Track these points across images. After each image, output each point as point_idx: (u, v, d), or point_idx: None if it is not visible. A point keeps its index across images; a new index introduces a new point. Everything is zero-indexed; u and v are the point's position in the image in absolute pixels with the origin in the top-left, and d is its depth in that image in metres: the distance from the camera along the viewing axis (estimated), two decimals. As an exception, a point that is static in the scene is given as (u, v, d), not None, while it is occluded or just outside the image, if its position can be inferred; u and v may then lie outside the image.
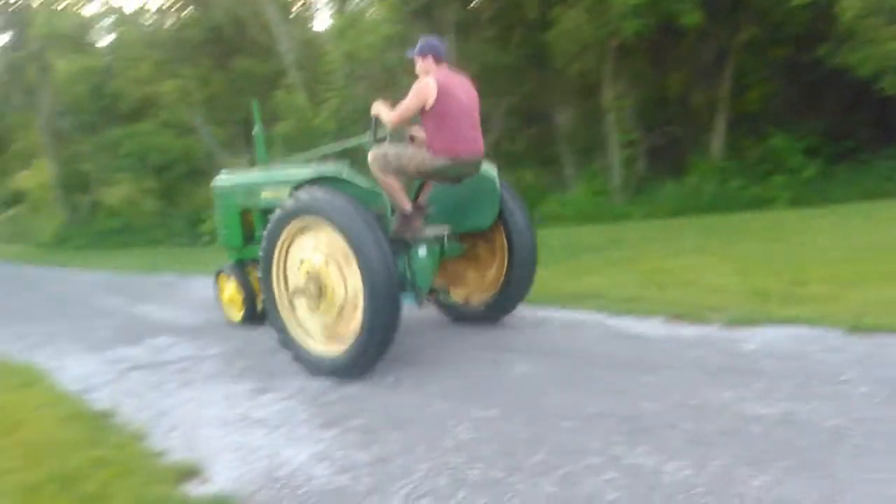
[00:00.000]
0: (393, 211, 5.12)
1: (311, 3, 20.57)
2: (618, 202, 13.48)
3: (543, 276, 7.60)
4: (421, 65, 5.16)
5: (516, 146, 18.65)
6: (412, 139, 5.47)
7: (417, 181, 5.59)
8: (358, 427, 3.94)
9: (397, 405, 4.21)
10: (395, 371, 4.86)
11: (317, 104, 16.18)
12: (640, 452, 3.30)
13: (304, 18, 20.71)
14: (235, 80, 18.37)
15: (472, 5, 15.64)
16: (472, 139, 5.13)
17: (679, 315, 5.63)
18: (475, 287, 6.10)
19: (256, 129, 7.08)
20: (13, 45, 21.59)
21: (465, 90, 5.16)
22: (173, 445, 3.95)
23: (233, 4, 17.73)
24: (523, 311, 6.25)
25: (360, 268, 4.59)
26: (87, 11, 20.04)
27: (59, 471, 3.66)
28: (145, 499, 3.25)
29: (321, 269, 4.91)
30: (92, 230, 20.01)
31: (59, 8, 19.22)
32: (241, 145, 20.01)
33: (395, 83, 15.79)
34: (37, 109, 21.37)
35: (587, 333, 5.45)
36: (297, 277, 5.10)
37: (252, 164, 7.20)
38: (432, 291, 5.91)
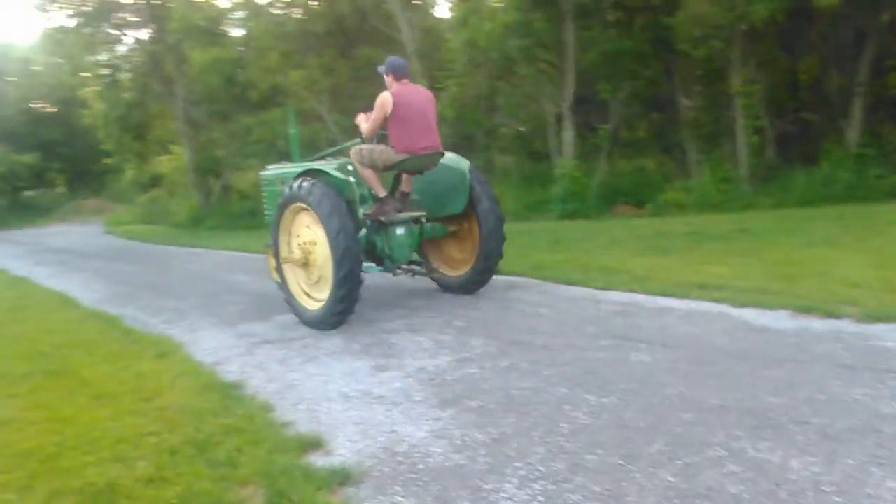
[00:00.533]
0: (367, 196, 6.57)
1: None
2: (745, 190, 12.97)
3: (665, 265, 7.49)
4: (386, 80, 6.41)
5: (637, 133, 18.27)
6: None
7: (392, 174, 6.78)
8: (475, 408, 4.00)
9: (514, 388, 4.25)
10: (514, 354, 4.89)
11: (436, 92, 16.34)
12: (765, 447, 3.21)
13: (425, 6, 20.93)
14: (358, 69, 18.78)
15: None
16: (427, 137, 6.34)
17: (808, 308, 5.39)
18: (458, 262, 7.32)
19: (292, 130, 8.48)
20: (153, 39, 22.85)
21: (420, 98, 6.41)
22: (298, 418, 4.14)
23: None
24: (644, 300, 6.16)
25: (328, 242, 5.92)
26: (221, 4, 21.00)
27: (194, 436, 3.91)
28: (271, 468, 3.42)
29: (308, 242, 6.38)
30: (223, 212, 21.02)
31: (196, 1, 20.17)
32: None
33: (514, 71, 15.80)
34: (174, 99, 22.55)
35: (710, 324, 5.30)
36: (294, 249, 6.58)
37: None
38: (419, 264, 7.34)
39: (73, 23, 21.66)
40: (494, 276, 7.27)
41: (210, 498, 3.20)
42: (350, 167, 6.66)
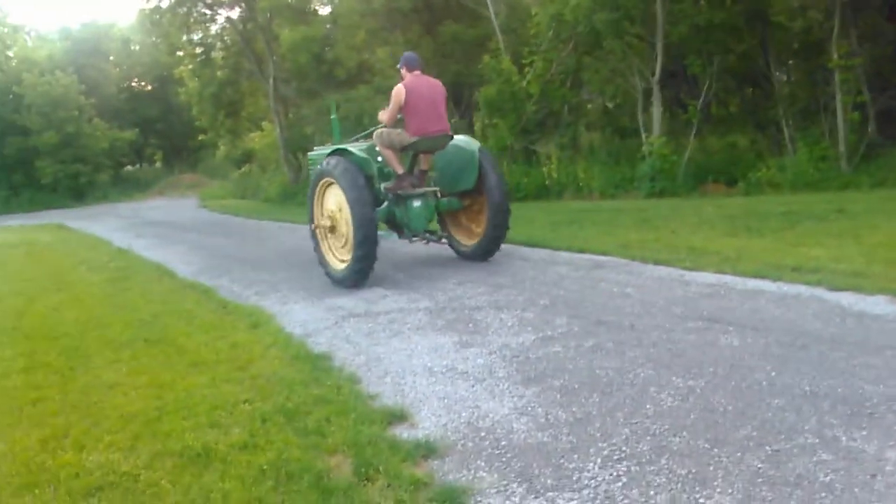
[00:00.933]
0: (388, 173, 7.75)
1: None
2: (843, 169, 12.40)
3: (757, 246, 7.28)
4: (401, 73, 7.56)
5: (729, 109, 17.68)
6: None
7: (409, 154, 7.69)
8: (558, 387, 4.01)
9: (599, 368, 4.23)
10: (598, 334, 4.87)
11: (522, 67, 16.21)
12: (860, 436, 3.11)
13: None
14: (443, 45, 18.81)
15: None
16: (436, 122, 7.37)
17: (909, 294, 5.16)
18: (473, 233, 8.17)
19: (333, 116, 9.64)
20: (243, 18, 23.41)
21: (430, 88, 7.47)
22: (384, 390, 4.25)
23: (443, -30, 18.16)
24: (734, 281, 6.01)
25: (350, 211, 6.99)
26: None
27: (284, 405, 4.07)
28: (358, 438, 3.52)
29: (335, 212, 7.46)
30: (311, 188, 21.45)
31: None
32: (449, 109, 20.53)
33: (601, 45, 15.49)
34: (264, 77, 23.07)
35: (803, 308, 5.13)
36: (324, 218, 7.65)
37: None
38: (433, 233, 8.03)
39: (168, 3, 22.38)
40: (579, 255, 7.62)
41: (300, 465, 3.31)
42: (374, 148, 7.74)
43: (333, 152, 7.57)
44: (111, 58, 37.39)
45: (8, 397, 4.73)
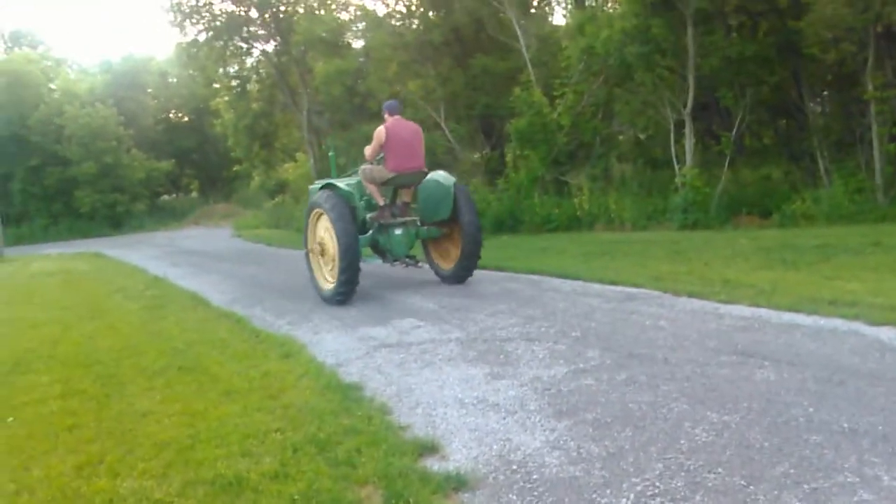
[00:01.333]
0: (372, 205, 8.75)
1: (549, -1, 20.75)
2: (880, 202, 12.22)
3: (792, 279, 7.19)
4: (384, 116, 8.52)
5: (762, 140, 17.55)
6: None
7: (390, 188, 8.88)
8: (591, 420, 3.98)
9: (632, 401, 4.19)
10: (631, 367, 4.83)
11: (554, 99, 16.29)
12: (902, 475, 3.05)
13: (542, 14, 20.88)
14: (474, 77, 18.95)
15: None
16: (411, 160, 8.35)
17: (951, 329, 5.06)
18: (450, 258, 9.06)
19: (331, 153, 10.90)
20: (278, 51, 23.84)
21: (408, 130, 8.45)
22: (415, 422, 4.24)
23: (473, 5, 18.29)
24: (768, 315, 5.93)
25: (335, 240, 7.97)
26: (343, 16, 21.68)
27: (316, 435, 4.07)
28: (389, 470, 3.51)
29: (324, 238, 8.50)
30: (344, 218, 21.60)
31: (319, 13, 20.90)
32: (479, 140, 20.65)
33: (632, 78, 15.52)
34: (298, 108, 23.44)
35: (840, 343, 5.04)
36: (315, 244, 8.75)
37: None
38: (412, 258, 8.94)
39: (205, 37, 22.87)
40: (611, 287, 7.66)
41: (330, 496, 3.32)
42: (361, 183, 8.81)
43: (324, 186, 8.81)
44: (149, 90, 38.22)
45: (44, 423, 4.79)
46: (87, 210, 31.39)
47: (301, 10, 21.58)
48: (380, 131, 8.35)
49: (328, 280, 8.56)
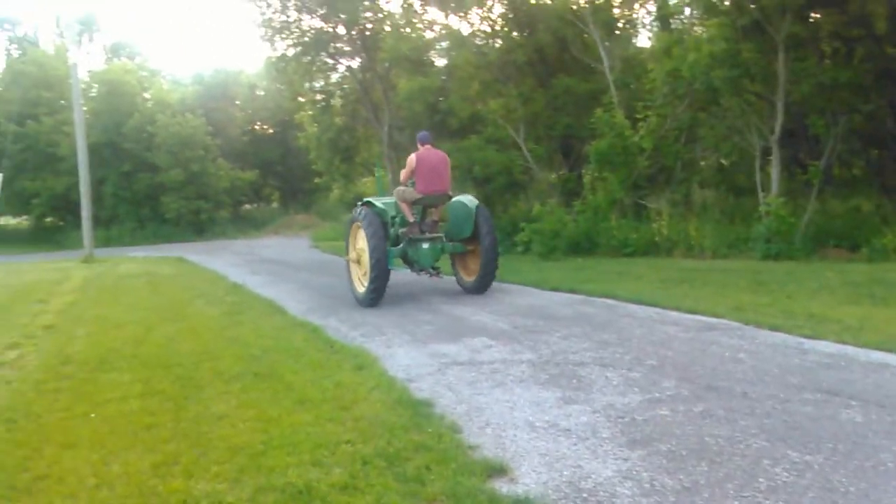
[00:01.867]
0: (405, 221, 9.88)
1: (635, 20, 20.53)
2: (982, 238, 11.62)
3: (882, 316, 6.89)
4: (418, 145, 9.80)
5: (852, 171, 16.94)
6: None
7: (419, 207, 9.89)
8: (665, 452, 3.87)
9: (708, 435, 4.07)
10: (708, 399, 4.69)
11: (636, 122, 16.09)
12: None
13: (626, 36, 20.69)
14: (556, 98, 18.88)
15: (810, 19, 14.51)
16: (436, 184, 9.51)
17: None
18: (472, 271, 10.17)
19: (378, 173, 12.96)
20: (363, 68, 24.28)
21: (435, 158, 9.61)
22: (484, 442, 4.21)
23: (558, 25, 18.25)
24: (856, 352, 5.68)
25: (368, 251, 9.16)
26: (427, 35, 21.89)
27: (385, 449, 4.09)
28: (457, 489, 3.50)
29: (361, 248, 9.69)
30: (420, 233, 21.75)
31: (405, 32, 21.17)
32: (558, 161, 20.54)
33: (718, 102, 15.21)
34: (380, 124, 23.79)
35: (935, 386, 4.79)
36: (354, 253, 10.04)
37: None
38: (436, 269, 9.91)
39: (293, 52, 23.47)
40: (689, 315, 7.51)
41: (399, 511, 3.32)
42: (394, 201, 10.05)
43: (363, 203, 10.14)
44: (237, 102, 39.46)
45: (125, 421, 4.96)
46: (173, 216, 32.54)
47: (387, 28, 21.92)
48: (411, 158, 9.62)
49: (362, 284, 9.71)
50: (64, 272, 17.36)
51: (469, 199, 10.10)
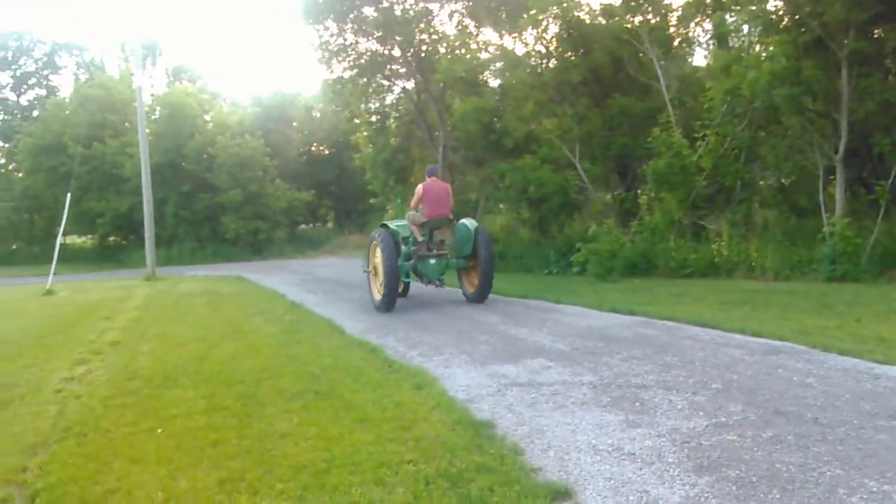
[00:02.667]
0: (415, 241, 11.73)
1: (691, 39, 20.31)
2: None
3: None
4: (426, 177, 11.75)
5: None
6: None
7: (427, 228, 11.77)
8: (734, 478, 3.78)
9: (779, 462, 3.96)
10: (777, 425, 4.56)
11: (694, 141, 15.88)
12: None
13: (682, 55, 20.48)
14: (611, 117, 18.75)
15: (874, 34, 14.16)
16: (439, 209, 11.43)
17: None
18: (473, 283, 11.90)
19: (399, 201, 14.91)
20: (418, 89, 24.48)
21: (438, 188, 11.56)
22: (547, 464, 4.17)
23: (613, 45, 18.16)
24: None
25: (382, 265, 10.97)
26: (482, 56, 21.99)
27: (448, 470, 4.09)
28: (521, 512, 3.47)
29: (377, 263, 11.46)
30: (474, 254, 21.74)
31: (460, 54, 21.31)
32: (613, 181, 20.37)
33: (778, 121, 14.93)
34: (434, 145, 23.91)
35: None
36: (371, 267, 11.92)
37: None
38: (441, 281, 11.69)
39: (349, 74, 23.80)
40: (753, 339, 7.36)
41: (463, 533, 3.30)
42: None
43: (381, 225, 12.21)
44: (294, 124, 40.17)
45: (191, 436, 5.05)
46: (232, 235, 33.17)
47: (442, 50, 22.09)
48: (419, 188, 11.69)
49: (379, 292, 11.33)
50: (127, 290, 17.84)
51: (470, 222, 11.95)
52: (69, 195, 22.37)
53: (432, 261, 11.56)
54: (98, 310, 13.42)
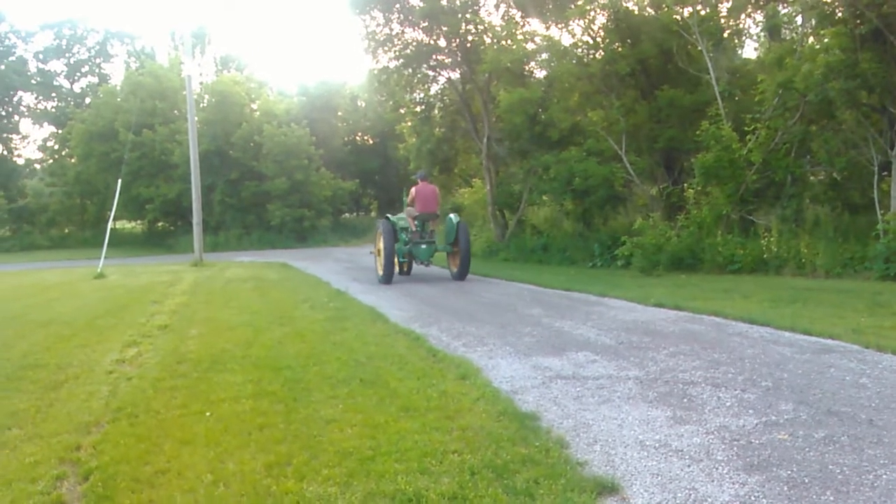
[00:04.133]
0: (411, 230, 14.96)
1: (742, 30, 19.92)
2: None
3: None
4: (417, 181, 15.12)
5: None
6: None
7: (419, 221, 14.76)
8: (786, 478, 3.71)
9: (832, 463, 3.87)
10: (830, 425, 4.47)
11: (744, 134, 15.58)
12: None
13: (732, 47, 20.09)
14: (659, 109, 18.50)
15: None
16: (428, 207, 14.59)
17: None
18: (456, 264, 15.04)
19: (405, 198, 15.96)
20: (463, 79, 24.42)
21: (428, 190, 14.78)
22: (593, 458, 4.14)
23: (662, 36, 17.89)
24: None
25: (382, 249, 14.25)
26: (528, 46, 21.82)
27: (493, 461, 4.08)
28: (567, 505, 3.46)
29: (379, 247, 14.60)
30: (517, 245, 21.69)
31: (506, 44, 21.18)
32: (660, 174, 20.12)
33: (833, 115, 14.58)
34: (479, 135, 23.86)
35: None
36: (376, 249, 15.02)
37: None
38: (429, 263, 15.12)
39: (395, 65, 23.85)
40: (803, 337, 7.23)
41: (509, 524, 3.30)
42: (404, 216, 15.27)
43: (384, 217, 15.41)
44: (339, 113, 40.46)
45: (238, 420, 5.12)
46: (277, 223, 33.60)
47: (488, 40, 21.99)
48: (412, 190, 15.01)
49: (380, 269, 14.53)
50: (175, 275, 18.18)
51: (454, 216, 15.48)
52: (120, 181, 22.85)
53: (423, 246, 14.82)
54: (147, 293, 13.70)
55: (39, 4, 79.72)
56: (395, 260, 14.98)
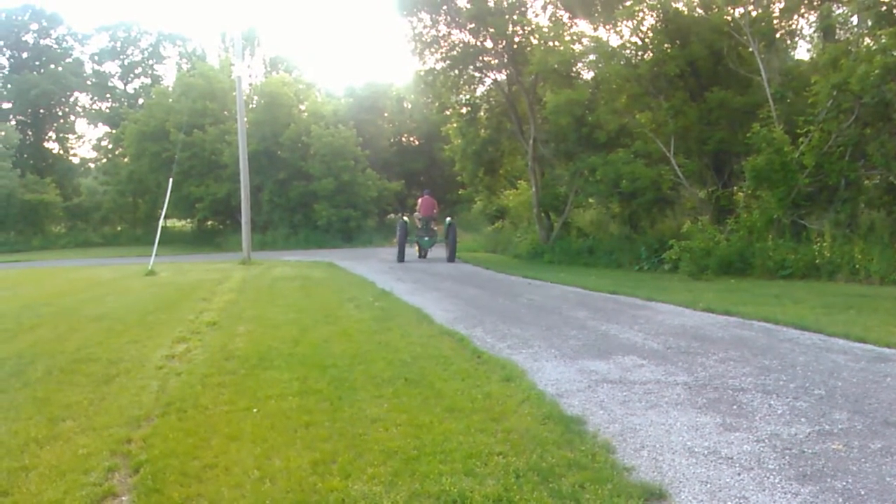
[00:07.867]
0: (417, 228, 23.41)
1: (795, 31, 19.50)
2: None
3: None
4: (423, 194, 24.00)
5: None
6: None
7: (423, 222, 23.07)
8: (841, 489, 3.62)
9: (889, 475, 3.77)
10: (887, 436, 4.34)
11: (796, 137, 15.24)
12: None
13: (784, 48, 19.69)
14: (709, 111, 18.18)
15: None
16: (428, 213, 22.77)
17: None
18: (446, 250, 22.18)
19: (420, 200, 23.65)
20: (510, 81, 24.35)
21: (429, 201, 22.97)
22: (640, 464, 4.09)
23: (712, 37, 17.60)
24: None
25: (397, 239, 22.60)
26: (576, 47, 21.65)
27: (538, 464, 4.06)
28: (613, 510, 3.41)
29: (396, 238, 23.21)
30: (562, 247, 21.56)
31: (554, 46, 21.03)
32: (709, 177, 19.79)
33: (889, 118, 14.18)
34: (525, 137, 23.77)
35: None
36: (395, 240, 24.91)
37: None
38: (426, 251, 23.35)
39: (442, 66, 23.88)
40: (858, 344, 7.09)
41: (555, 528, 3.27)
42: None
43: (402, 217, 26.96)
44: (386, 114, 40.63)
45: (285, 417, 5.18)
46: (324, 222, 33.90)
47: (535, 42, 21.86)
48: (419, 200, 23.09)
49: (397, 255, 21.50)
50: (224, 273, 18.46)
51: (448, 220, 22.41)
52: (171, 180, 23.29)
53: (426, 239, 22.51)
54: (196, 291, 13.94)
55: (96, 7, 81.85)
56: (411, 247, 22.95)
